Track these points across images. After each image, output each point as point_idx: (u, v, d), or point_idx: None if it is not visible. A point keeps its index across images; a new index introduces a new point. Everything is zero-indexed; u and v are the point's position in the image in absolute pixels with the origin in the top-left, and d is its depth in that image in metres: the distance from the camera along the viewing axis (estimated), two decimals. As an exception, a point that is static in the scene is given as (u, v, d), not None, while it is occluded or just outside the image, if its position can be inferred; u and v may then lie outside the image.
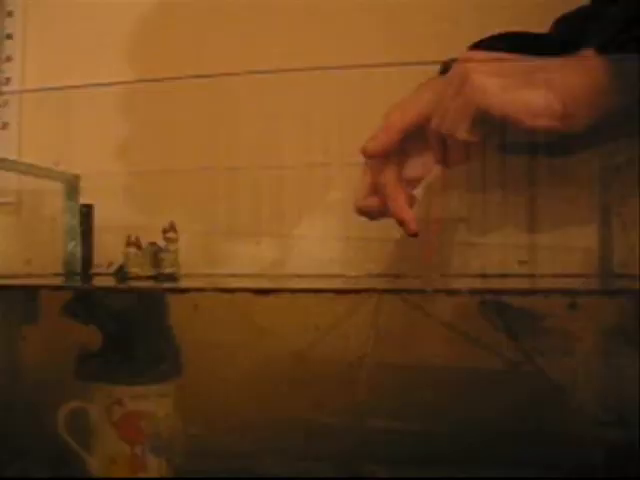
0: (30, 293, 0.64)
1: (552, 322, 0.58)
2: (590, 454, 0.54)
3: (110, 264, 0.70)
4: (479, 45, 0.58)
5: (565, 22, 0.60)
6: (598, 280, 0.64)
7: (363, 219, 0.60)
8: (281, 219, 0.70)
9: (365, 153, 0.57)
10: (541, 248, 0.64)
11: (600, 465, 0.53)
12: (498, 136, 0.52)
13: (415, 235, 0.56)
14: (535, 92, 0.49)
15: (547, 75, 0.49)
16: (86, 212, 0.74)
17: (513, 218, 0.65)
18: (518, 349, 0.60)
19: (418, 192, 0.60)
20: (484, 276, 0.63)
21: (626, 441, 0.53)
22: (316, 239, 0.68)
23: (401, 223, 0.56)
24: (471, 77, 0.50)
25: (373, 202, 0.58)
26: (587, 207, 0.64)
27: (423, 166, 0.57)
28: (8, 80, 0.81)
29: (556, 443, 0.57)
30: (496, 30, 0.58)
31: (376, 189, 0.58)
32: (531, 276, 0.63)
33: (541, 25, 0.61)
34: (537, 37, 0.59)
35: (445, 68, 0.56)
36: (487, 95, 0.49)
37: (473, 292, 0.56)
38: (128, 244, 0.64)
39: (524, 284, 0.62)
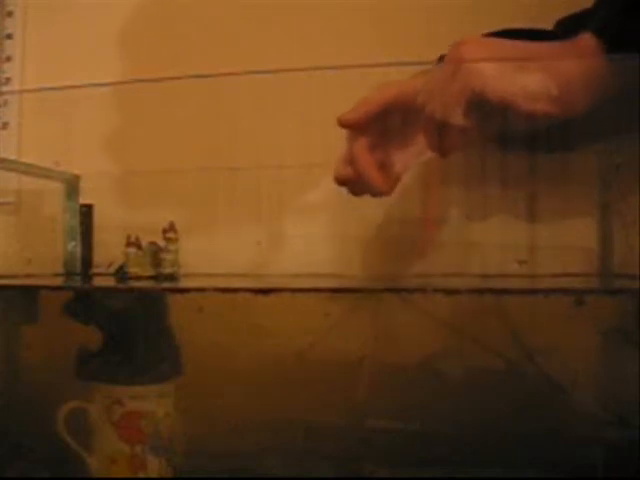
0: (30, 293, 0.64)
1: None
2: (590, 454, 0.54)
3: (110, 264, 0.70)
4: None
5: (566, 24, 0.60)
6: (598, 280, 0.64)
7: (362, 219, 0.60)
8: (281, 219, 0.70)
9: (339, 122, 0.57)
10: (541, 248, 0.64)
11: (600, 465, 0.53)
12: (494, 123, 0.51)
13: (386, 194, 0.57)
14: (532, 76, 0.48)
15: (544, 59, 0.49)
16: (86, 212, 0.74)
17: (513, 218, 0.65)
18: (518, 349, 0.60)
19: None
20: (484, 276, 0.63)
21: (626, 441, 0.53)
22: (316, 239, 0.68)
23: (369, 184, 0.57)
24: (467, 59, 0.49)
25: (347, 171, 0.58)
26: (587, 206, 0.64)
27: (414, 149, 0.57)
28: (8, 80, 0.81)
29: (556, 443, 0.57)
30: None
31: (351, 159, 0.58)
32: (531, 276, 0.63)
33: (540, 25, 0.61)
34: (540, 33, 0.59)
35: (441, 60, 0.56)
36: (483, 79, 0.49)
37: (473, 292, 0.56)
38: (128, 244, 0.64)
39: (524, 284, 0.62)
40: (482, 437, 0.58)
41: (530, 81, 0.48)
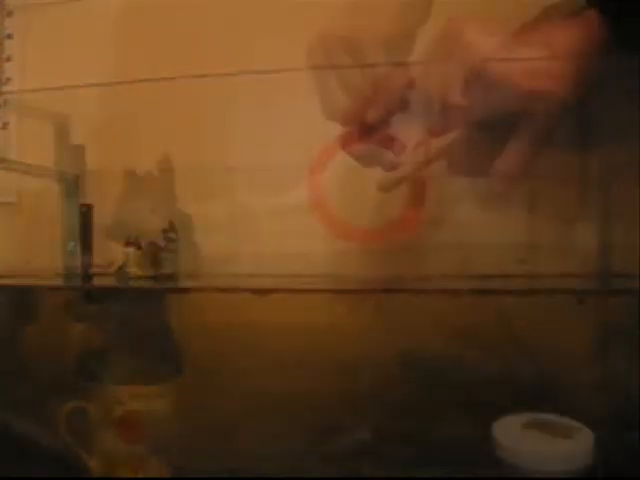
0: (30, 293, 0.64)
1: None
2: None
3: (110, 264, 0.70)
4: None
5: None
6: (598, 280, 0.64)
7: (363, 219, 0.60)
8: (281, 219, 0.70)
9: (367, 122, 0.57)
10: (541, 247, 0.64)
11: (600, 465, 0.53)
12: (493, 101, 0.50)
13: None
14: (534, 52, 0.46)
15: (546, 35, 0.47)
16: (86, 212, 0.74)
17: (513, 217, 0.65)
18: (518, 349, 0.60)
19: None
20: (484, 276, 0.63)
21: (626, 441, 0.53)
22: (316, 239, 0.68)
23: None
24: (466, 36, 0.47)
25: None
26: (587, 207, 0.64)
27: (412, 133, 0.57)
28: (8, 80, 0.81)
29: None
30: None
31: None
32: (531, 276, 0.63)
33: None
34: None
35: None
36: (483, 55, 0.47)
37: (473, 292, 0.56)
38: (128, 244, 0.64)
39: (524, 284, 0.62)
40: (482, 437, 0.58)
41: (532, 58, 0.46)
